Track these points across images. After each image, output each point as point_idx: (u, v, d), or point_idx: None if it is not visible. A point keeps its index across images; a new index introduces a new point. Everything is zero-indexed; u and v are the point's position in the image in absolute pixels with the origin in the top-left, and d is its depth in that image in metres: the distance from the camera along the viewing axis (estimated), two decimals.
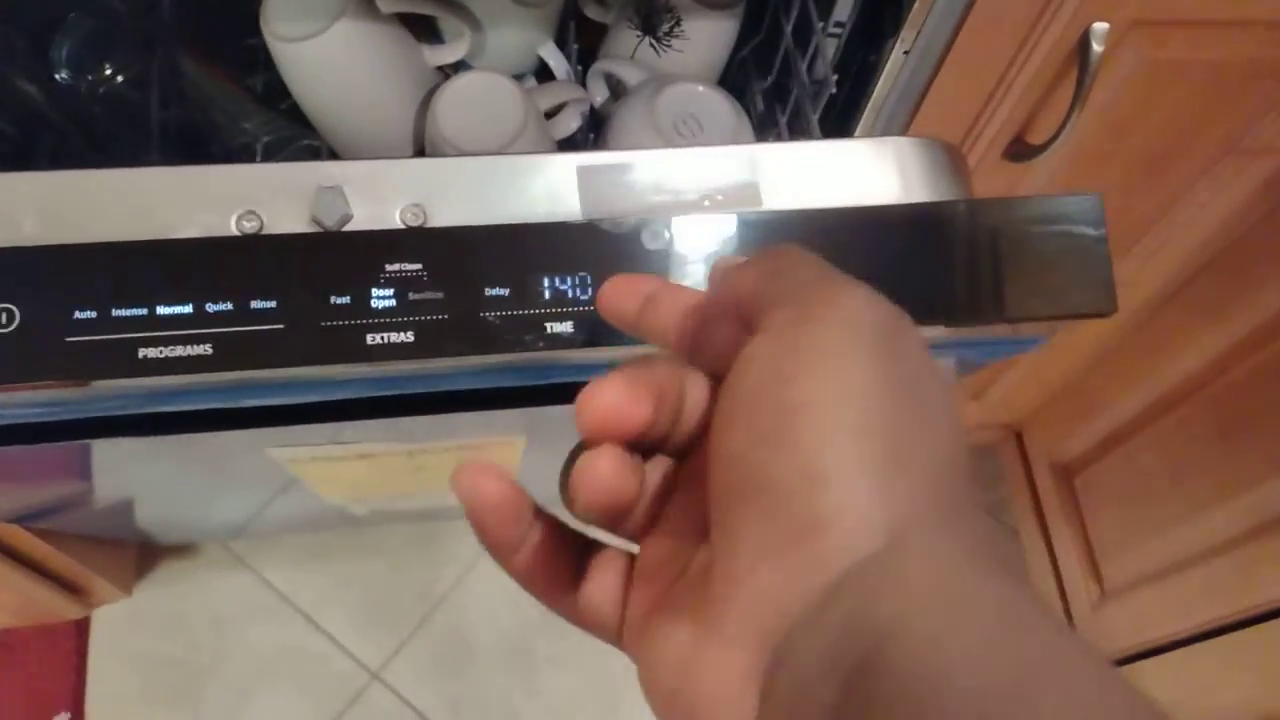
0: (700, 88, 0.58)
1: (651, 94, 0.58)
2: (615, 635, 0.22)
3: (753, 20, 0.64)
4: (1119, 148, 0.62)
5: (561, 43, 0.63)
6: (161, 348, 0.26)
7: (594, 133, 0.64)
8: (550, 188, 0.33)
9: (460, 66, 0.61)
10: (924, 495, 0.17)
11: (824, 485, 0.16)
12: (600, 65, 0.62)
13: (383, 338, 0.27)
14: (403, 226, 0.31)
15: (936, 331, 0.32)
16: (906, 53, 0.50)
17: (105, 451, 0.49)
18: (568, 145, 0.62)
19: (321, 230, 0.31)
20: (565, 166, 0.34)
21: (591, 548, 0.22)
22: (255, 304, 0.27)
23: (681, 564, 0.20)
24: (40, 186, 0.30)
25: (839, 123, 0.59)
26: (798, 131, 0.61)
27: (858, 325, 0.18)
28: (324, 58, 0.52)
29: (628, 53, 0.62)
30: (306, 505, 0.94)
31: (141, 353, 0.26)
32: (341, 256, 0.28)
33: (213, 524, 0.98)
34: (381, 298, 0.27)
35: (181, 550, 1.12)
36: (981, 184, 0.63)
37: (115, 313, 0.26)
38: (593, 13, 0.63)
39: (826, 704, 0.15)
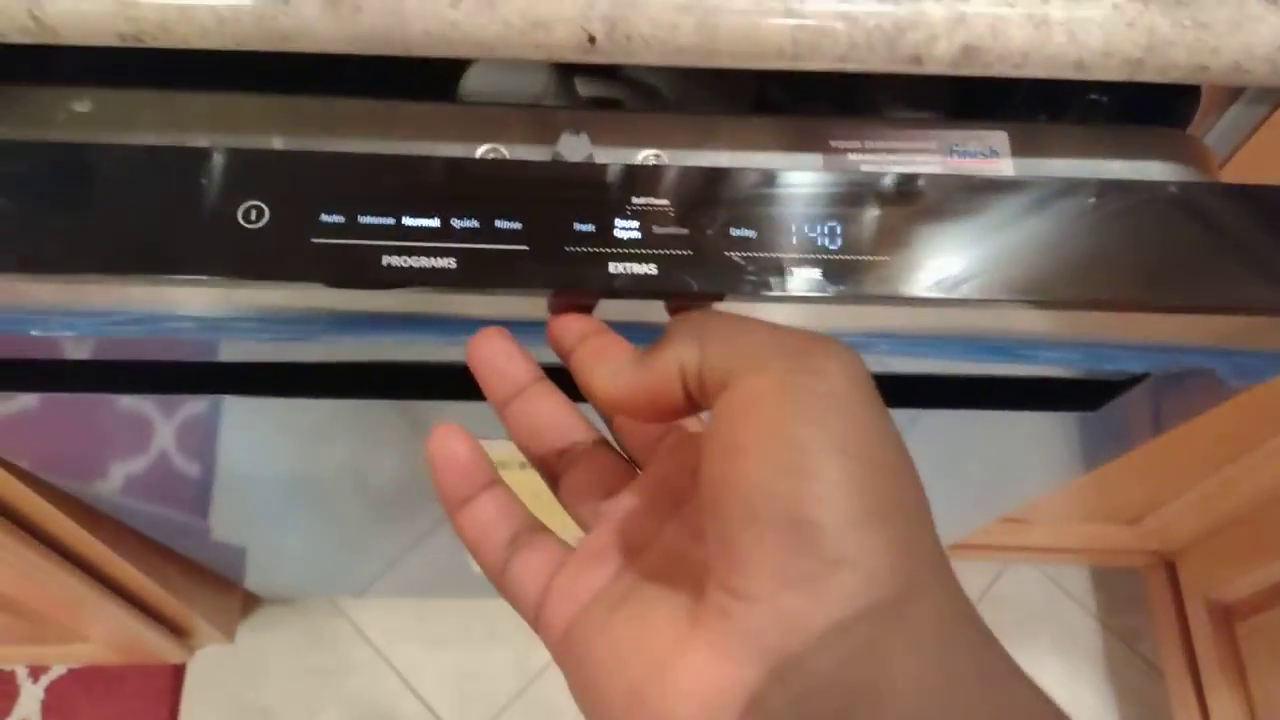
0: None
1: None
2: (533, 614, 0.24)
3: None
4: None
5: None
6: (406, 257, 0.25)
7: None
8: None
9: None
10: (928, 547, 0.19)
11: (847, 527, 0.18)
12: None
13: (625, 268, 0.26)
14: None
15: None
16: None
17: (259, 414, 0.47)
18: None
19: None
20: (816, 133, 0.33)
21: (535, 530, 0.25)
22: (500, 223, 0.25)
23: (622, 560, 0.23)
24: (290, 108, 0.29)
25: None
26: None
27: (860, 381, 0.20)
28: None
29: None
30: (428, 562, 0.92)
31: (385, 260, 0.25)
32: (587, 187, 0.26)
33: (336, 572, 0.97)
34: (626, 229, 0.26)
35: (283, 598, 1.11)
36: None
37: (362, 219, 0.25)
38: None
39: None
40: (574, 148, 0.29)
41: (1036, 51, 0.32)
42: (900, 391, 0.45)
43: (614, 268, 0.25)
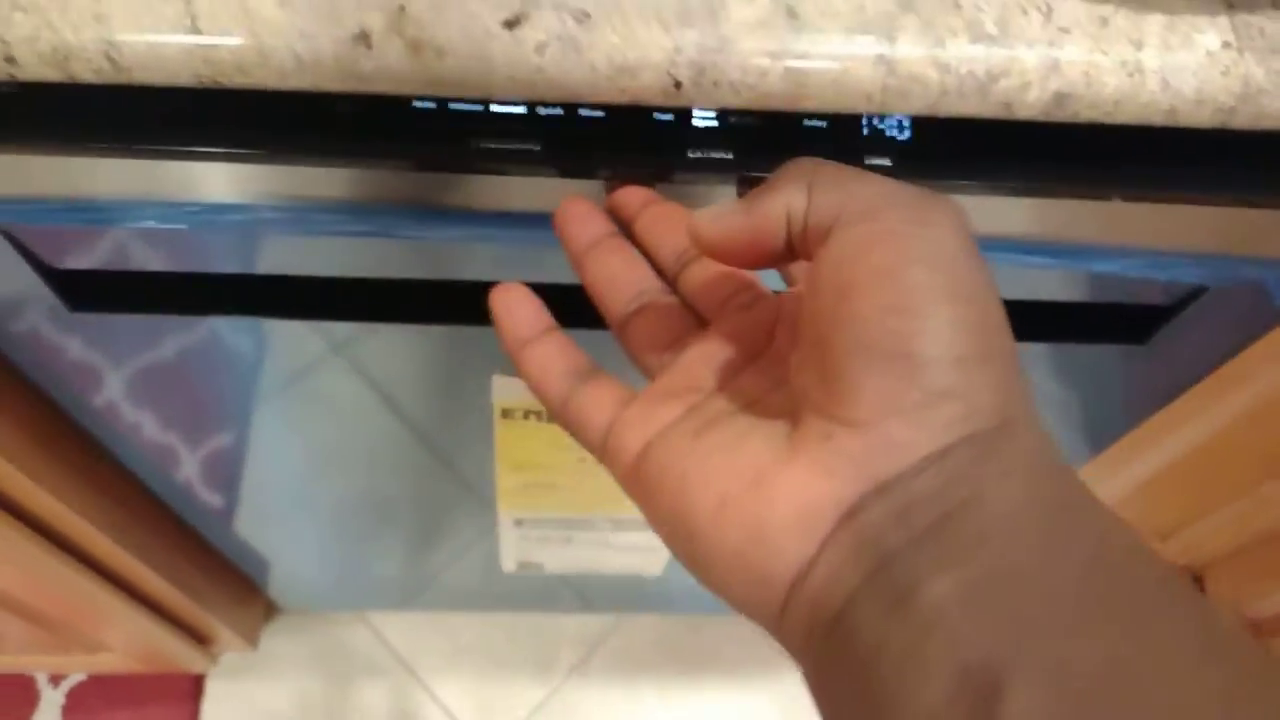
0: None
1: None
2: (600, 441, 0.25)
3: None
4: None
5: None
6: (494, 142, 0.29)
7: None
8: None
9: None
10: (1018, 390, 0.20)
11: (955, 364, 0.19)
12: None
13: (703, 153, 0.29)
14: None
15: None
16: None
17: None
18: None
19: None
20: None
21: (596, 370, 0.27)
22: (584, 112, 0.28)
23: (696, 399, 0.24)
24: None
25: None
26: None
27: (965, 234, 0.21)
28: None
29: None
30: (458, 578, 0.92)
31: (474, 144, 0.28)
32: None
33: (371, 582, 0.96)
34: (704, 118, 0.29)
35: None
36: (1252, 355, 0.55)
37: (452, 106, 0.28)
38: None
39: (913, 532, 0.19)
40: None
41: (1129, 100, 0.31)
42: None
43: (690, 154, 0.28)
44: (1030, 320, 0.45)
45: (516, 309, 0.27)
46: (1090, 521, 0.19)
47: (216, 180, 0.35)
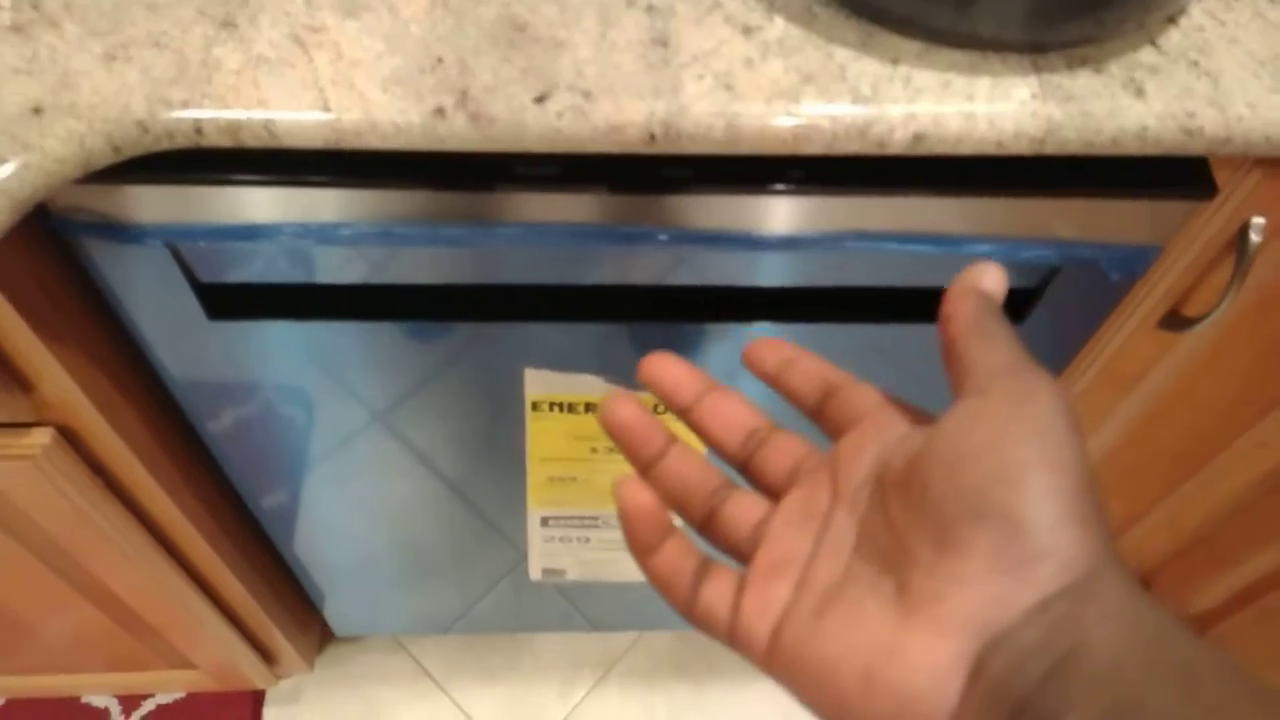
0: None
1: None
2: (727, 635, 0.26)
3: None
4: (1270, 324, 0.64)
5: None
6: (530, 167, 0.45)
7: None
8: None
9: None
10: (1105, 540, 0.22)
11: (1052, 527, 0.22)
12: None
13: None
14: None
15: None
16: None
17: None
18: None
19: None
20: None
21: (709, 565, 0.27)
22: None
23: (799, 569, 0.26)
24: None
25: None
26: None
27: (1065, 408, 0.23)
28: None
29: None
30: (496, 603, 1.02)
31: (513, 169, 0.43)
32: None
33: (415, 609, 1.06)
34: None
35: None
36: (1132, 348, 0.66)
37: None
38: None
39: (1034, 678, 0.21)
40: None
41: (967, 136, 0.43)
42: (831, 303, 0.57)
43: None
44: (919, 304, 0.57)
45: (642, 513, 0.27)
46: (1184, 648, 0.21)
47: (329, 205, 0.47)
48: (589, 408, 0.65)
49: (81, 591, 0.76)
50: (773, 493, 0.29)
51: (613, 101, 0.42)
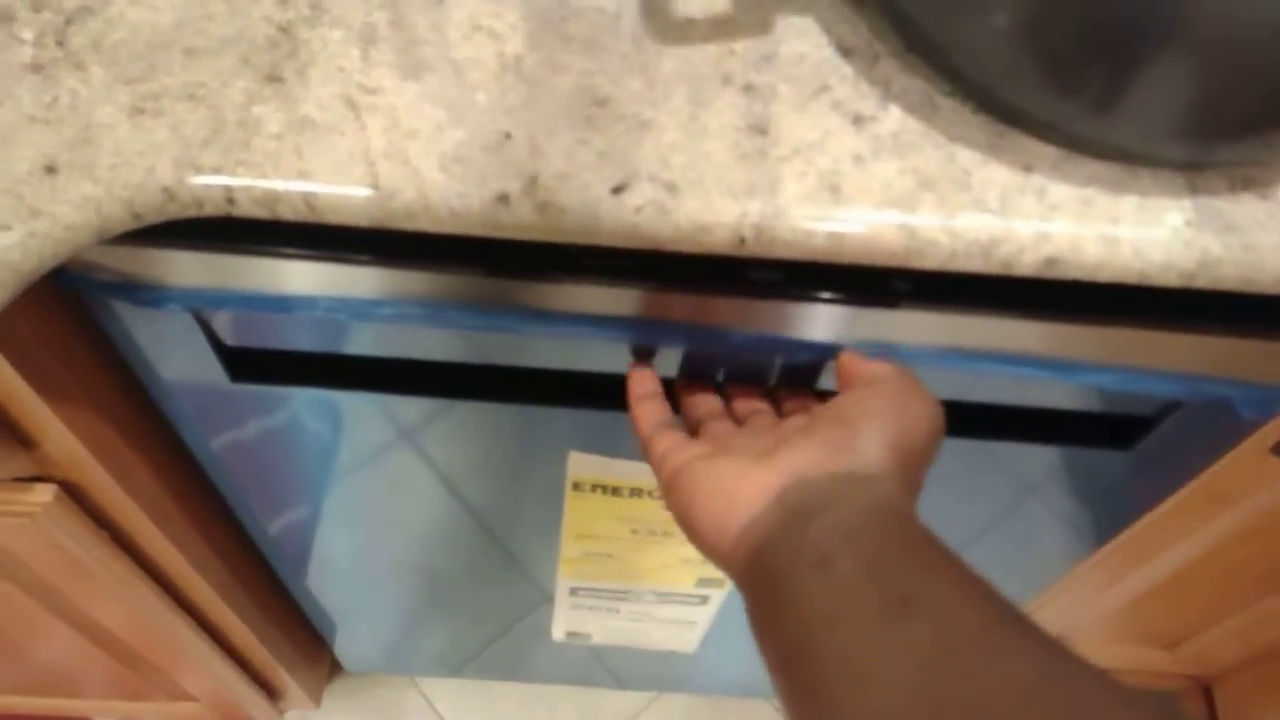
0: None
1: None
2: (656, 461, 0.41)
3: None
4: None
5: None
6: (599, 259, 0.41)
7: None
8: None
9: None
10: (907, 480, 0.36)
11: (873, 439, 0.35)
12: None
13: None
14: None
15: None
16: None
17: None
18: None
19: None
20: None
21: (668, 425, 0.43)
22: None
23: (729, 440, 0.41)
24: None
25: None
26: None
27: (930, 405, 0.39)
28: None
29: None
30: (509, 650, 0.97)
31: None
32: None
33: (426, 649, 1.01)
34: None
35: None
36: (1239, 471, 0.59)
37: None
38: None
39: (805, 508, 0.34)
40: None
41: (1108, 264, 0.37)
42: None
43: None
44: (1030, 424, 0.51)
45: (641, 377, 0.45)
46: (899, 546, 0.32)
47: (370, 281, 0.42)
48: (634, 492, 0.60)
49: (80, 630, 0.72)
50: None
51: (701, 198, 0.36)
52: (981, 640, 0.27)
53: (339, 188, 0.36)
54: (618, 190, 0.36)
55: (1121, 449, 0.53)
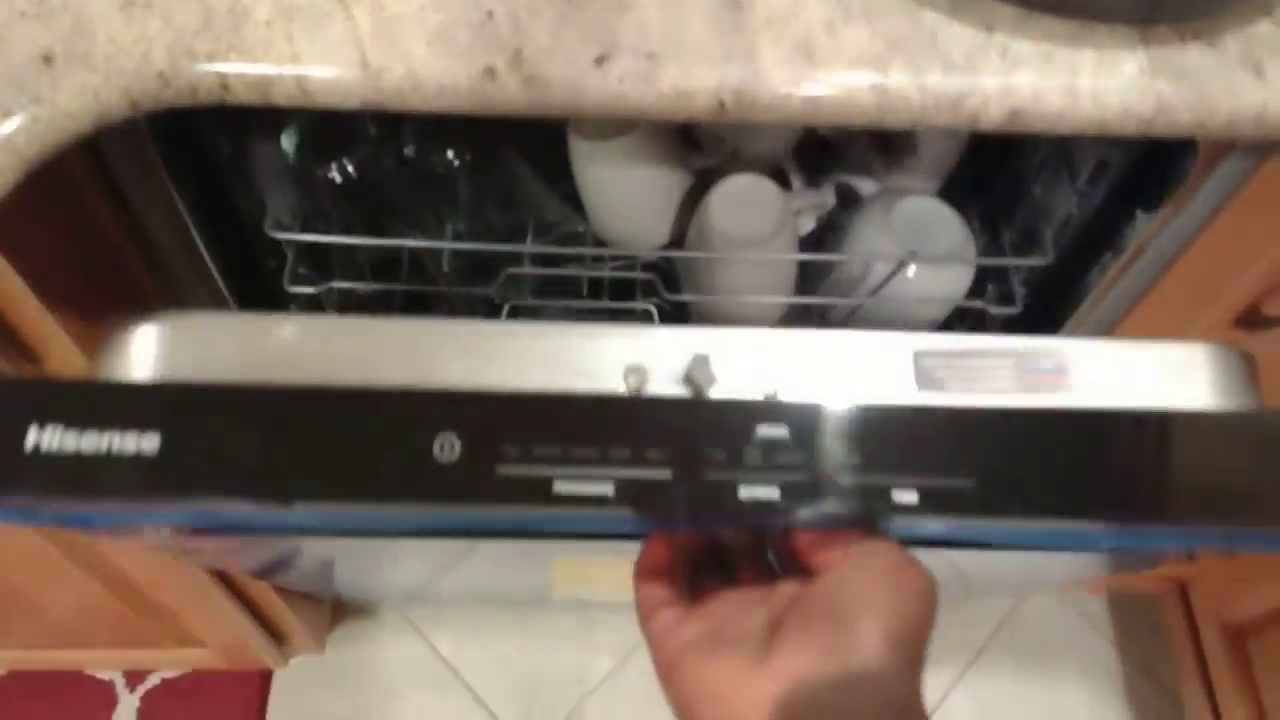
0: (933, 202, 0.64)
1: (888, 204, 0.64)
2: (655, 640, 0.37)
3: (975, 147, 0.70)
4: None
5: (798, 154, 0.71)
6: (573, 484, 0.31)
7: (828, 233, 0.71)
8: (892, 367, 0.39)
9: (714, 170, 0.68)
10: (911, 671, 0.32)
11: (870, 634, 0.32)
12: (836, 176, 0.69)
13: (752, 491, 0.31)
14: (760, 397, 0.37)
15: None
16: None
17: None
18: (805, 243, 0.69)
19: (695, 390, 0.37)
20: (903, 350, 0.39)
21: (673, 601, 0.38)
22: (650, 452, 0.31)
23: (724, 623, 0.36)
24: (403, 333, 0.36)
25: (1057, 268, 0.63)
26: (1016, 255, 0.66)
27: (923, 582, 0.34)
28: (617, 157, 0.62)
29: (861, 166, 0.69)
30: (497, 581, 0.98)
31: (556, 487, 0.30)
32: (718, 418, 0.32)
33: (405, 588, 1.03)
34: (752, 455, 0.32)
35: (360, 612, 1.16)
36: None
37: (537, 450, 0.31)
38: (828, 134, 0.71)
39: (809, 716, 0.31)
40: (701, 372, 0.36)
41: (1069, 114, 0.39)
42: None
43: (743, 492, 0.31)
44: None
45: (655, 551, 0.39)
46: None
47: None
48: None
49: (88, 570, 0.73)
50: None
51: (681, 66, 0.38)
52: None
53: (331, 69, 0.37)
54: (600, 61, 0.38)
55: None
